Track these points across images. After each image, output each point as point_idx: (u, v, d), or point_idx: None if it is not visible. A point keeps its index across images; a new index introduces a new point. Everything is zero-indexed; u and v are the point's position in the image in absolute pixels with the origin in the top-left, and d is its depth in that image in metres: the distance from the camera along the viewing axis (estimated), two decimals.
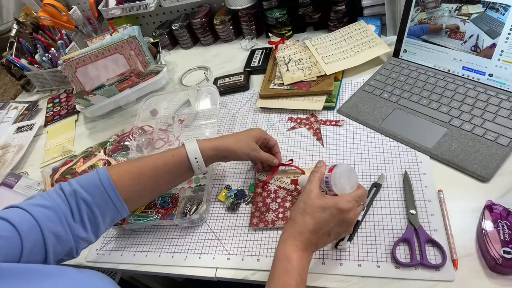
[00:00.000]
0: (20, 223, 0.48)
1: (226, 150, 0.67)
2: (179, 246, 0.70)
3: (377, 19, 0.99)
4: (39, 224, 0.50)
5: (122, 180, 0.59)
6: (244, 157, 0.69)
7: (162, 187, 0.66)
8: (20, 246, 0.47)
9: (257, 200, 0.71)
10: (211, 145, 0.66)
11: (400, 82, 0.83)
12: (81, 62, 1.05)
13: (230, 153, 0.67)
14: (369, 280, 0.56)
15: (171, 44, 1.31)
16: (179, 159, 0.64)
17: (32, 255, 0.48)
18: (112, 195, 0.58)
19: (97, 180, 0.58)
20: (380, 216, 0.62)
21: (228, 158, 0.70)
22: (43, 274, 0.42)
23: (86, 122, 1.12)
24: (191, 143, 0.65)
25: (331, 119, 0.82)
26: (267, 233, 0.66)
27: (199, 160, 0.64)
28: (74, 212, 0.55)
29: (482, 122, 0.69)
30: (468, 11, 0.74)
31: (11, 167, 1.01)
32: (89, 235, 0.57)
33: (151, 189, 0.64)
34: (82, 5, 1.38)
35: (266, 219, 0.68)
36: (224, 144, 0.67)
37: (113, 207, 0.58)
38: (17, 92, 1.43)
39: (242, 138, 0.68)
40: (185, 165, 0.64)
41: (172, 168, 0.64)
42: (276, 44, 1.04)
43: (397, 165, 0.69)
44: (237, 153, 0.67)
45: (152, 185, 0.63)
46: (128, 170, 0.61)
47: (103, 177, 0.58)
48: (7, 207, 0.52)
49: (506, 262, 0.49)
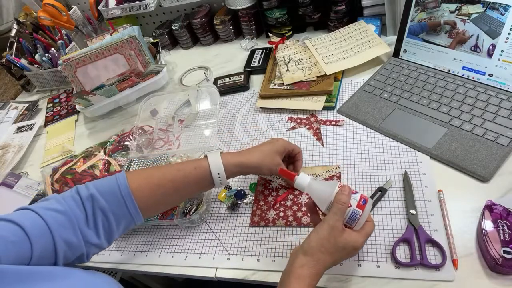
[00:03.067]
0: (31, 228, 0.47)
1: (251, 167, 0.64)
2: (179, 246, 0.70)
3: (377, 19, 0.99)
4: (50, 229, 0.49)
5: (140, 189, 0.58)
6: (268, 173, 0.66)
7: (181, 198, 0.66)
8: (30, 250, 0.46)
9: (259, 198, 0.71)
10: (236, 161, 0.63)
11: (400, 82, 0.83)
12: (81, 62, 1.05)
13: (255, 170, 0.65)
14: (369, 280, 0.56)
15: (171, 44, 1.31)
16: (201, 173, 0.61)
17: (41, 259, 0.47)
18: (129, 204, 0.56)
19: (115, 187, 0.56)
20: (380, 216, 0.62)
21: (251, 173, 0.69)
22: (50, 276, 0.42)
23: (86, 122, 1.12)
24: (214, 156, 0.62)
25: (331, 119, 0.82)
26: (267, 233, 0.66)
27: (221, 176, 0.62)
28: (89, 218, 0.54)
29: (482, 122, 0.69)
30: (468, 11, 0.74)
31: (11, 167, 1.01)
32: (101, 242, 0.55)
33: (169, 201, 0.63)
34: (82, 5, 1.38)
35: (267, 217, 0.68)
36: (249, 161, 0.64)
37: (129, 215, 0.57)
38: (17, 92, 1.43)
39: (268, 153, 0.65)
40: (207, 179, 0.62)
41: (192, 181, 0.62)
42: (276, 44, 1.04)
43: (397, 165, 0.69)
44: (262, 170, 0.65)
45: (171, 197, 0.62)
46: (147, 179, 0.60)
47: (122, 185, 0.56)
48: (20, 209, 0.51)
49: (506, 262, 0.49)
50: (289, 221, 0.66)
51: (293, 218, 0.66)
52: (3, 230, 0.46)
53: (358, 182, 0.68)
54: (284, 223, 0.66)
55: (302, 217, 0.66)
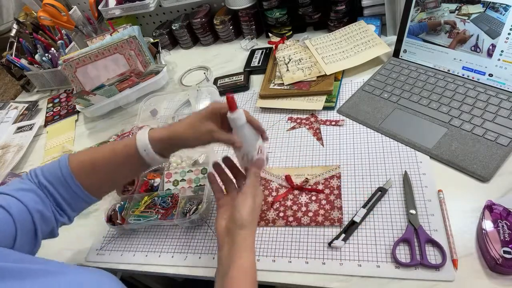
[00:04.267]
0: (9, 206, 0.51)
1: (178, 139, 0.58)
2: (179, 246, 0.70)
3: (377, 19, 0.99)
4: (25, 205, 0.53)
5: (79, 169, 0.59)
6: (197, 143, 0.59)
7: (121, 179, 0.65)
8: (14, 227, 0.51)
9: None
10: (161, 135, 0.58)
11: (400, 82, 0.83)
12: (81, 62, 1.05)
13: (183, 142, 0.59)
14: (369, 280, 0.56)
15: (171, 44, 1.31)
16: (129, 150, 0.59)
17: (24, 234, 0.52)
18: (71, 184, 0.58)
19: (57, 170, 0.58)
20: (380, 216, 0.62)
21: (182, 147, 0.62)
22: (46, 272, 0.43)
23: (86, 122, 1.12)
24: (142, 133, 0.59)
25: (331, 119, 0.82)
26: (266, 232, 0.66)
27: (148, 152, 0.57)
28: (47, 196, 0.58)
29: (482, 122, 0.69)
30: (468, 11, 0.74)
31: (11, 167, 1.01)
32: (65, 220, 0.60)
33: (110, 179, 0.62)
34: (82, 5, 1.38)
35: (267, 217, 0.68)
36: (174, 133, 0.58)
37: (75, 195, 0.59)
38: (17, 92, 1.43)
39: (194, 122, 0.58)
40: (135, 156, 0.58)
41: (123, 159, 0.60)
42: (276, 44, 1.04)
43: (397, 165, 0.69)
44: (190, 141, 0.59)
45: (110, 175, 0.61)
46: (84, 159, 0.60)
47: (63, 167, 0.58)
48: None
49: (506, 262, 0.49)
50: (289, 221, 0.66)
51: (293, 218, 0.66)
52: None
53: (358, 182, 0.68)
54: (284, 223, 0.66)
55: (302, 217, 0.66)
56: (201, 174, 0.77)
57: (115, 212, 0.75)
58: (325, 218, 0.64)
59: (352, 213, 0.64)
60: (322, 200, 0.67)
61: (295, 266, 0.60)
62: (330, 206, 0.66)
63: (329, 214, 0.65)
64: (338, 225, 0.63)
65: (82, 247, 0.76)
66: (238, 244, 0.52)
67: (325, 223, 0.64)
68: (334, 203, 0.66)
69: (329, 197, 0.67)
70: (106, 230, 0.77)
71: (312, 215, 0.66)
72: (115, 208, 0.76)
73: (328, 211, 0.65)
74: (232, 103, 0.54)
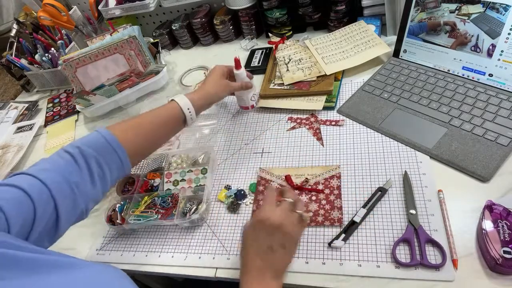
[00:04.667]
0: (30, 188, 0.49)
1: (211, 96, 0.76)
2: (179, 246, 0.70)
3: (377, 19, 0.99)
4: (47, 187, 0.51)
5: (124, 135, 0.62)
6: (224, 95, 0.81)
7: (160, 139, 0.71)
8: (33, 210, 0.48)
9: (259, 199, 0.71)
10: (199, 95, 0.74)
11: (400, 82, 0.83)
12: (81, 62, 1.05)
13: (215, 97, 0.78)
14: (369, 280, 0.56)
15: (171, 44, 1.31)
16: (173, 112, 0.70)
17: (43, 219, 0.49)
18: (118, 150, 0.60)
19: (101, 138, 0.59)
20: (380, 216, 0.62)
21: (214, 102, 0.79)
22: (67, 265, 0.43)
23: (86, 122, 1.12)
24: (181, 98, 0.72)
25: (331, 119, 0.82)
26: None
27: (191, 110, 0.71)
28: (82, 169, 0.55)
29: (482, 122, 0.69)
30: (468, 11, 0.74)
31: (11, 167, 1.01)
32: (97, 192, 0.58)
33: (151, 142, 0.68)
34: (82, 5, 1.38)
35: None
36: (207, 92, 0.76)
37: (119, 162, 0.60)
38: (17, 92, 1.43)
39: (216, 81, 0.79)
40: (179, 117, 0.71)
41: (167, 120, 0.69)
42: (276, 44, 1.04)
43: (397, 165, 0.69)
44: (218, 95, 0.79)
45: (152, 138, 0.68)
46: (128, 126, 0.65)
47: (107, 135, 0.60)
48: (14, 174, 0.53)
49: (506, 262, 0.49)
50: None
51: None
52: (6, 193, 0.47)
53: (358, 182, 0.69)
54: None
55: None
56: (201, 174, 0.77)
57: (115, 212, 0.75)
58: (325, 218, 0.64)
59: (352, 213, 0.64)
60: (322, 200, 0.67)
61: (295, 266, 0.60)
62: (330, 206, 0.66)
63: (329, 214, 0.65)
64: (338, 225, 0.63)
65: (82, 247, 0.76)
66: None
67: (325, 223, 0.64)
68: (334, 203, 0.66)
69: (329, 197, 0.67)
70: (106, 230, 0.77)
71: (312, 215, 0.66)
72: (115, 208, 0.76)
73: (328, 211, 0.65)
74: (238, 63, 0.83)
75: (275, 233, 0.51)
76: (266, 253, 0.51)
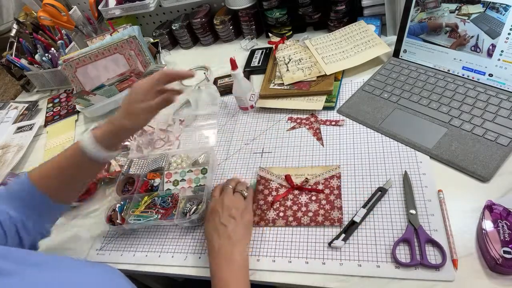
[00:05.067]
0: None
1: (117, 130, 0.62)
2: (179, 246, 0.70)
3: (377, 19, 0.99)
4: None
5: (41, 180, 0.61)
6: (140, 126, 0.64)
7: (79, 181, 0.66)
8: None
9: (259, 198, 0.71)
10: (103, 132, 0.62)
11: (400, 82, 0.83)
12: (81, 62, 1.05)
13: (124, 132, 0.63)
14: (369, 280, 0.56)
15: (171, 44, 1.31)
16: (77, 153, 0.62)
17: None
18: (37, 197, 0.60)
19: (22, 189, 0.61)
20: (380, 216, 0.62)
21: (128, 136, 0.67)
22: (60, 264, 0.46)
23: (86, 122, 1.12)
24: (84, 135, 0.65)
25: (331, 119, 0.82)
26: (266, 232, 0.66)
27: (97, 150, 0.61)
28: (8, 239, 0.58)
29: (482, 122, 0.69)
30: (468, 11, 0.74)
31: (11, 167, 1.01)
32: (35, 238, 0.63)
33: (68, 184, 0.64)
34: (82, 5, 1.38)
35: (267, 217, 0.68)
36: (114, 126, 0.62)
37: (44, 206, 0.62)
38: (17, 92, 1.43)
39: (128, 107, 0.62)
40: (85, 157, 0.61)
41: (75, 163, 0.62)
42: (276, 44, 1.04)
43: (397, 165, 0.69)
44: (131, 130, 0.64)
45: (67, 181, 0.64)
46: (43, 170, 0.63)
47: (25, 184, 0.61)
48: None
49: (506, 262, 0.49)
50: (289, 221, 0.66)
51: (293, 218, 0.66)
52: None
53: (358, 182, 0.68)
54: (284, 223, 0.66)
55: (302, 217, 0.66)
56: (201, 174, 0.77)
57: (115, 212, 0.75)
58: (325, 218, 0.64)
59: (352, 213, 0.64)
60: (322, 200, 0.67)
61: (295, 266, 0.60)
62: (330, 206, 0.66)
63: (329, 214, 0.65)
64: (338, 225, 0.63)
65: (82, 247, 0.76)
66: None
67: (325, 223, 0.64)
68: (334, 203, 0.66)
69: (329, 197, 0.67)
70: (106, 230, 0.77)
71: (312, 215, 0.66)
72: (115, 208, 0.76)
73: (328, 211, 0.65)
74: (234, 64, 0.83)
75: (219, 211, 0.63)
76: (220, 228, 0.60)
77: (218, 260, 0.57)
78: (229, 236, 0.59)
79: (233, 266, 0.56)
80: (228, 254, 0.57)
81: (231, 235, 0.60)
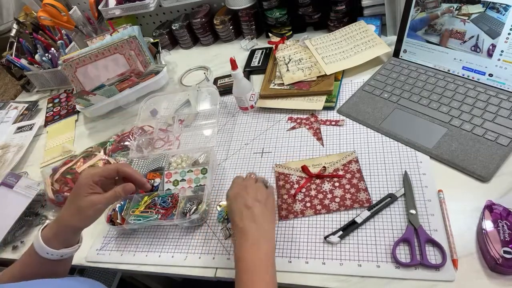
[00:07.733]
0: None
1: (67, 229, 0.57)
2: (179, 246, 0.70)
3: (377, 19, 0.99)
4: None
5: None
6: (89, 223, 0.59)
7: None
8: None
9: (282, 193, 0.71)
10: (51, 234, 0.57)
11: (400, 82, 0.83)
12: (81, 62, 1.05)
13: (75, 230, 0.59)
14: (369, 280, 0.56)
15: (171, 44, 1.31)
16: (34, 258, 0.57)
17: None
18: None
19: None
20: (380, 216, 0.62)
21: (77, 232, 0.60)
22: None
23: (86, 122, 1.12)
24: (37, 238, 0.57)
25: (331, 119, 0.82)
26: None
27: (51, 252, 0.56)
28: None
29: (482, 122, 0.69)
30: (468, 11, 0.74)
31: (11, 167, 1.01)
32: None
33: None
34: (82, 5, 1.38)
35: (295, 210, 0.68)
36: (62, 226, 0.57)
37: None
38: (17, 92, 1.43)
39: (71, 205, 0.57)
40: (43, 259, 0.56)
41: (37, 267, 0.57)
42: (276, 44, 1.04)
43: (397, 165, 0.69)
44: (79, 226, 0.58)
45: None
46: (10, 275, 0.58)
47: None
48: None
49: (506, 262, 0.49)
50: (318, 209, 0.66)
51: (321, 206, 0.67)
52: None
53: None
54: (313, 212, 0.66)
55: (330, 204, 0.66)
56: (201, 174, 0.77)
57: (115, 212, 0.75)
58: (353, 201, 0.65)
59: (352, 213, 0.64)
60: (346, 184, 0.68)
61: (295, 266, 0.60)
62: (355, 189, 0.67)
63: (356, 196, 0.66)
64: (367, 205, 0.64)
65: (82, 247, 0.75)
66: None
67: (354, 205, 0.65)
68: (359, 186, 0.67)
69: (352, 180, 0.68)
70: (106, 230, 0.77)
71: (339, 200, 0.66)
72: (115, 208, 0.76)
73: (354, 194, 0.66)
74: (234, 64, 0.83)
75: (244, 194, 0.59)
76: (244, 211, 0.57)
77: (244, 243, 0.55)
78: (256, 221, 0.56)
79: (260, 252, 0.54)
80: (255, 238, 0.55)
81: (258, 220, 0.57)
